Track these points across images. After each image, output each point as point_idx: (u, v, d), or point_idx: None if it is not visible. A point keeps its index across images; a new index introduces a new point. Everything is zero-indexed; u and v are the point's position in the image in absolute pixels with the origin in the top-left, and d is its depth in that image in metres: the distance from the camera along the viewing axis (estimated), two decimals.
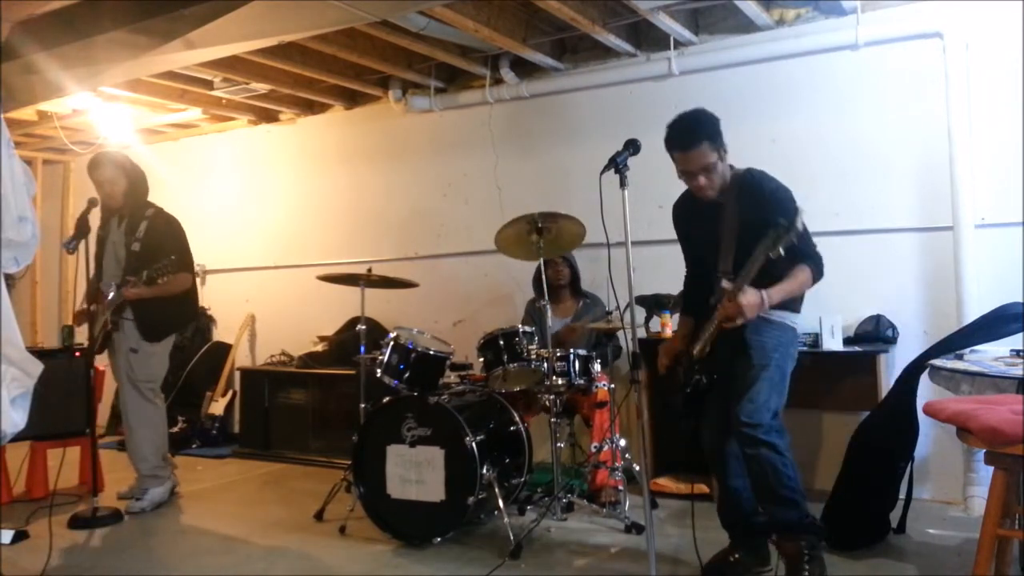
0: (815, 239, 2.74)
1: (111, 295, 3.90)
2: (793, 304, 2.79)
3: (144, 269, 3.78)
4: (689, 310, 3.04)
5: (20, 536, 3.62)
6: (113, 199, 4.05)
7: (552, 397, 3.65)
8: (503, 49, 4.63)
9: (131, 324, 3.96)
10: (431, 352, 3.67)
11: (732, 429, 2.70)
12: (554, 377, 3.62)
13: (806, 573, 2.62)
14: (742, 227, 2.67)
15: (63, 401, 4.20)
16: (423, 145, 5.43)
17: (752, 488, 2.76)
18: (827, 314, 3.76)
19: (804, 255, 2.65)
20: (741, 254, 2.63)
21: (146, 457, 4.08)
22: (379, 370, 3.63)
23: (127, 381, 4.01)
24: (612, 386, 3.83)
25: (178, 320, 4.22)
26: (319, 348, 5.53)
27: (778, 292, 2.60)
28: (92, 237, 3.94)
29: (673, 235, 3.08)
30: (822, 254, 2.72)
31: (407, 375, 3.60)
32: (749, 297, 2.53)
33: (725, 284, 2.60)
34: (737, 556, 2.83)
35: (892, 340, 3.88)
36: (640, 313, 4.25)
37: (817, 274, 2.68)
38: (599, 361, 3.88)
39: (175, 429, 5.45)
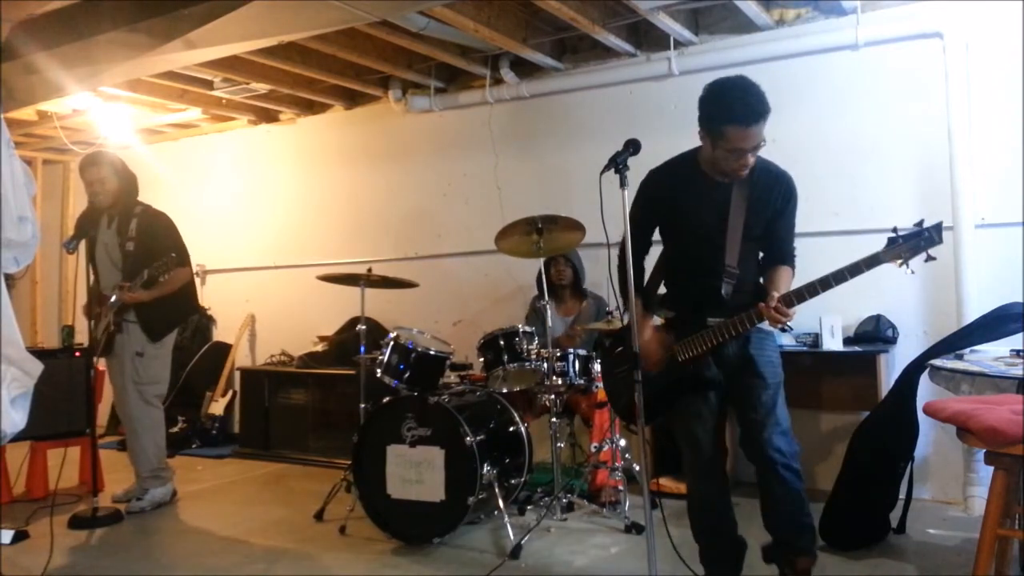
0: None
1: (112, 299, 3.90)
2: None
3: (144, 268, 3.78)
4: (650, 304, 2.66)
5: (20, 536, 3.62)
6: (103, 198, 4.03)
7: (552, 397, 3.65)
8: (503, 49, 4.63)
9: (135, 326, 3.96)
10: (431, 352, 3.67)
11: (755, 452, 2.52)
12: (554, 377, 3.63)
13: None
14: (751, 214, 2.48)
15: (63, 401, 4.20)
16: (423, 145, 5.43)
17: (769, 513, 2.57)
18: (827, 314, 3.77)
19: (787, 255, 2.57)
20: (746, 249, 2.50)
21: (148, 460, 4.08)
22: (379, 370, 3.63)
23: (131, 385, 3.99)
24: None
25: (178, 315, 4.22)
26: (319, 348, 5.53)
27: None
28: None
29: None
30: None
31: (407, 375, 3.60)
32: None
33: (773, 292, 2.40)
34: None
35: (892, 340, 3.89)
36: None
37: (792, 275, 2.56)
38: (599, 361, 3.88)
39: (175, 429, 5.46)
